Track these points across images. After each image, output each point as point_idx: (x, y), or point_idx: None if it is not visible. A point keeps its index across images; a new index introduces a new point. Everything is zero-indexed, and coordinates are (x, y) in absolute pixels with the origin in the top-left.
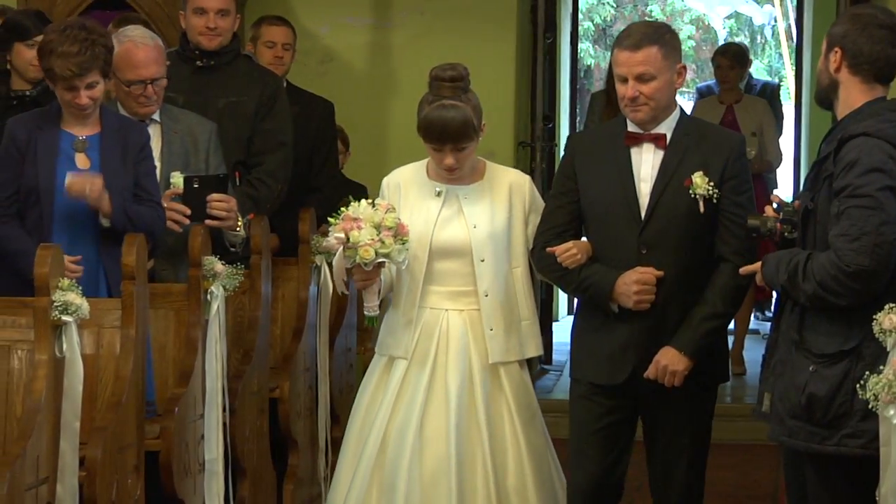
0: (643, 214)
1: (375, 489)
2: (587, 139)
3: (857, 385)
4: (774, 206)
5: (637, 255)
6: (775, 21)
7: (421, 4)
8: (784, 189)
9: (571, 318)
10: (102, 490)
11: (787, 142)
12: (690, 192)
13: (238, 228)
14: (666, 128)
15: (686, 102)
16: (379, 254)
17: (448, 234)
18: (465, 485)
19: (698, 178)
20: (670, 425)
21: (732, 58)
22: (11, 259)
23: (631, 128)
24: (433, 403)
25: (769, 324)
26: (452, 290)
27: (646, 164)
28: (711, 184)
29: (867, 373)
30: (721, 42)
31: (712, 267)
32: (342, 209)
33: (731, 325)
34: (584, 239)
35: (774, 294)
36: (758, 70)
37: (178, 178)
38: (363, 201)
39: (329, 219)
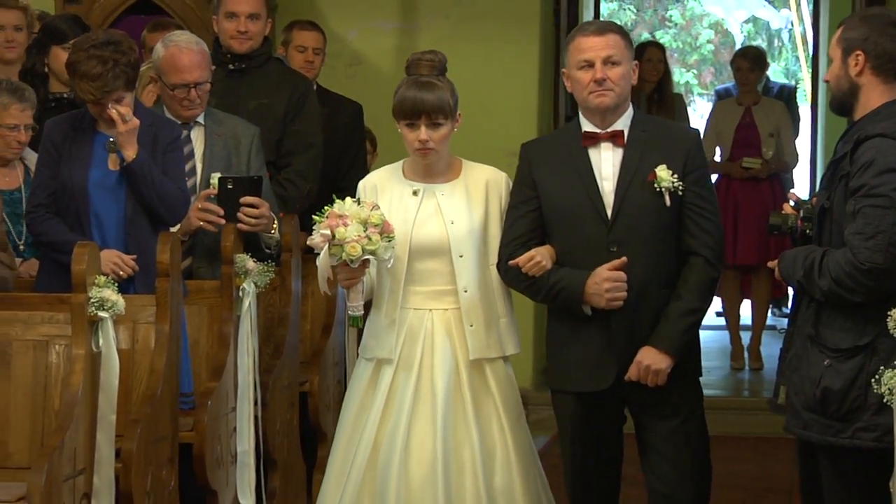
0: (609, 213)
1: (367, 495)
2: (542, 146)
3: (872, 380)
4: (792, 203)
5: (607, 253)
6: (792, 25)
7: (446, 8)
8: (800, 189)
9: None
10: (137, 481)
11: (803, 143)
12: (655, 185)
13: (273, 231)
14: (622, 125)
15: (705, 104)
16: (365, 250)
17: (427, 233)
18: (453, 487)
19: (662, 172)
20: (662, 411)
21: (752, 61)
22: (56, 251)
23: (587, 127)
24: (421, 406)
25: (786, 319)
26: (434, 289)
27: (606, 162)
28: (675, 176)
29: (882, 367)
30: (739, 46)
31: (681, 260)
32: (327, 207)
33: (749, 321)
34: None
35: (791, 290)
36: (775, 73)
37: (215, 179)
38: (348, 199)
39: (314, 216)
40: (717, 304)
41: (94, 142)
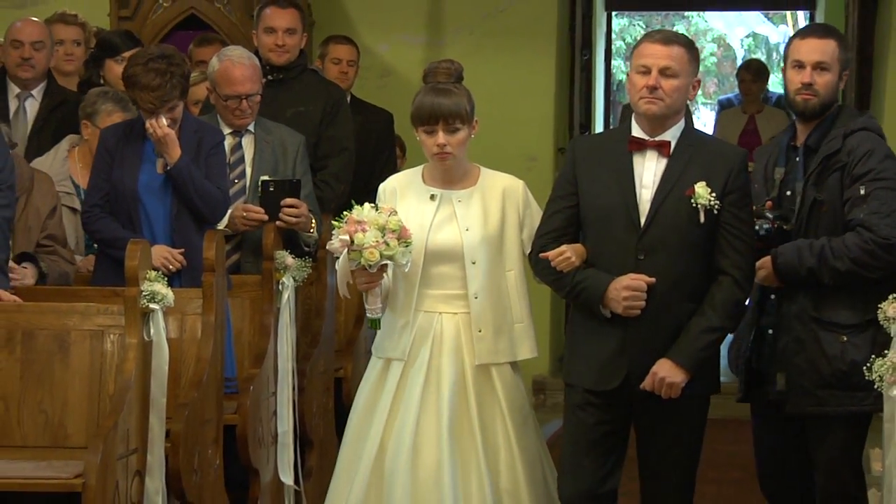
0: (643, 221)
1: (374, 493)
2: (590, 144)
3: (864, 368)
4: (768, 213)
5: (634, 260)
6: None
7: (471, 24)
8: None
9: None
10: (186, 460)
11: None
12: (692, 201)
13: (311, 230)
14: (671, 136)
15: (709, 112)
16: (383, 256)
17: (441, 238)
18: (459, 487)
19: (700, 189)
20: (664, 435)
21: (755, 73)
22: (109, 248)
23: (636, 133)
24: (427, 406)
25: None
26: (446, 293)
27: (648, 171)
28: (713, 195)
29: (873, 356)
30: (740, 59)
31: (707, 277)
32: (345, 213)
33: None
34: (579, 243)
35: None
36: (773, 84)
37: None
38: (367, 205)
39: (333, 222)
40: None
41: (143, 148)
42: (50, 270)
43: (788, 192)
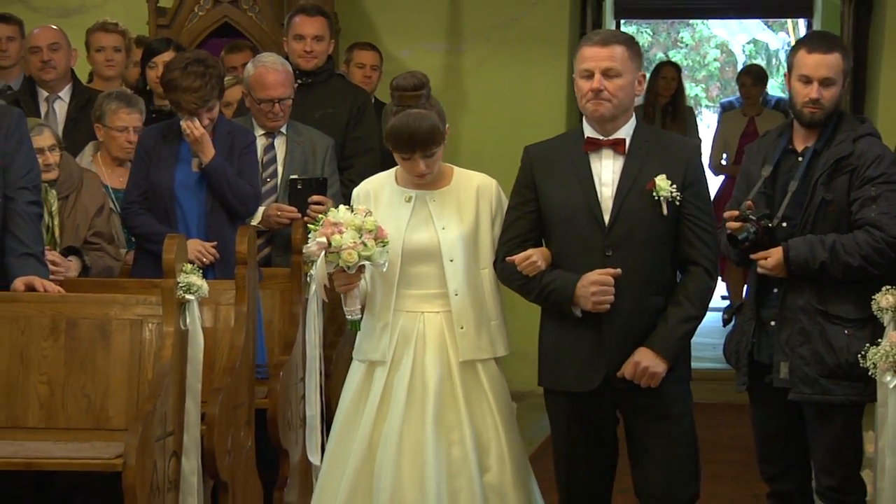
0: (607, 218)
1: (361, 496)
2: (544, 149)
3: (859, 355)
4: (750, 214)
5: (602, 257)
6: (788, 46)
7: (487, 32)
8: None
9: None
10: (219, 441)
11: None
12: (654, 194)
13: None
14: (625, 133)
15: (711, 115)
16: (362, 256)
17: (418, 238)
18: (445, 486)
19: (661, 182)
20: (653, 414)
21: (755, 77)
22: (147, 241)
23: (590, 133)
24: (414, 407)
25: None
26: (427, 292)
27: (606, 169)
28: (674, 187)
29: (867, 345)
30: (741, 64)
31: (673, 269)
32: (321, 216)
33: None
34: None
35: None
36: (772, 88)
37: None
38: (342, 207)
39: (309, 226)
40: (721, 288)
41: (179, 148)
42: (94, 264)
43: (790, 192)
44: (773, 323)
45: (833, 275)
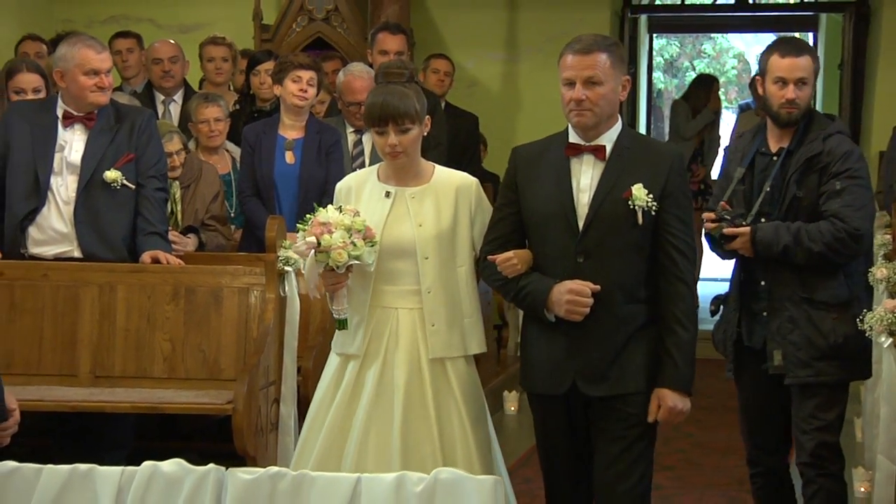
0: (581, 224)
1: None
2: (530, 151)
3: (857, 320)
4: (726, 215)
5: (573, 263)
6: None
7: (540, 44)
8: None
9: None
10: (312, 389)
11: None
12: (630, 203)
13: None
14: (607, 140)
15: (730, 115)
16: (351, 256)
17: (396, 234)
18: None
19: (637, 191)
20: (619, 421)
21: None
22: (254, 226)
23: (572, 138)
24: (381, 401)
25: None
26: (403, 289)
27: (585, 175)
28: (651, 196)
29: (864, 310)
30: (754, 71)
31: (647, 278)
32: (309, 216)
33: None
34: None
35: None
36: None
37: None
38: (330, 207)
39: (298, 225)
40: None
41: (277, 141)
42: (208, 241)
43: (764, 190)
44: (764, 314)
45: (796, 259)
